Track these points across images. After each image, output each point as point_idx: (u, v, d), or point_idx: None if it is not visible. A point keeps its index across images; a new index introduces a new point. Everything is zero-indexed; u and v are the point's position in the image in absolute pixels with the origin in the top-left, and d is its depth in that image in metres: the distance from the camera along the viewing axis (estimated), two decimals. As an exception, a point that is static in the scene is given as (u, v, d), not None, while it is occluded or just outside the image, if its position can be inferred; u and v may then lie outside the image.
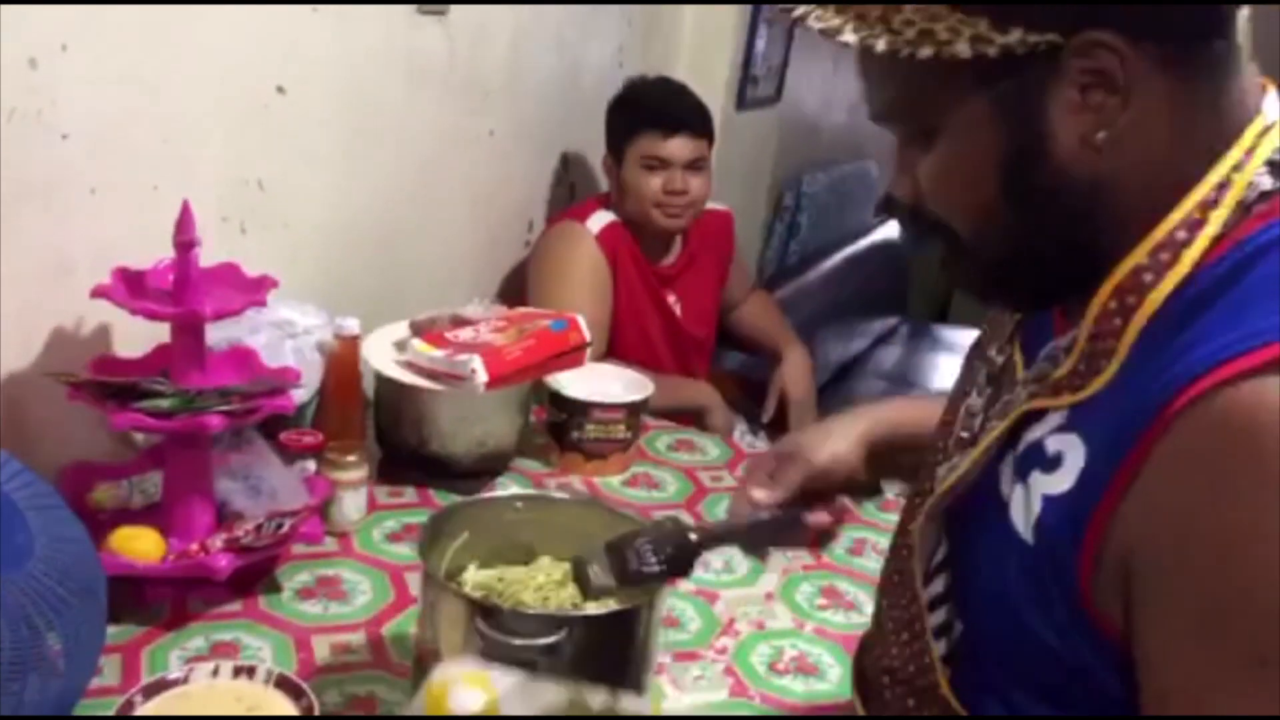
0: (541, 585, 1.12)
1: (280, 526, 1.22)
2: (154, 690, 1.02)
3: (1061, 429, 0.68)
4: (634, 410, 1.68)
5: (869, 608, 1.38)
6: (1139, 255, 0.66)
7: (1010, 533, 0.69)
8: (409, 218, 1.84)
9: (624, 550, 0.94)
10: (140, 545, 1.18)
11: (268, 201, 1.54)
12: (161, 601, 1.21)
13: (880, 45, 0.65)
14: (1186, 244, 0.65)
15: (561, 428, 1.66)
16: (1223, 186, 0.65)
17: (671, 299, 2.09)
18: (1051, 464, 0.68)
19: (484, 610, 0.98)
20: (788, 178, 3.13)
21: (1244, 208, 0.65)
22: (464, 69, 1.87)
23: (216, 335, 1.32)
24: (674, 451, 1.78)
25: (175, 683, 1.04)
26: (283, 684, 1.04)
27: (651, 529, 0.97)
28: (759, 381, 2.28)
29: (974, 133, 0.68)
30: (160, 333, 1.26)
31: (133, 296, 1.20)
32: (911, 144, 0.72)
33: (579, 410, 1.64)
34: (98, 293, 1.19)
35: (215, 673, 1.05)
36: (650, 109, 1.97)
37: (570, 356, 1.59)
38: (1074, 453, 0.66)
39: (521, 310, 1.69)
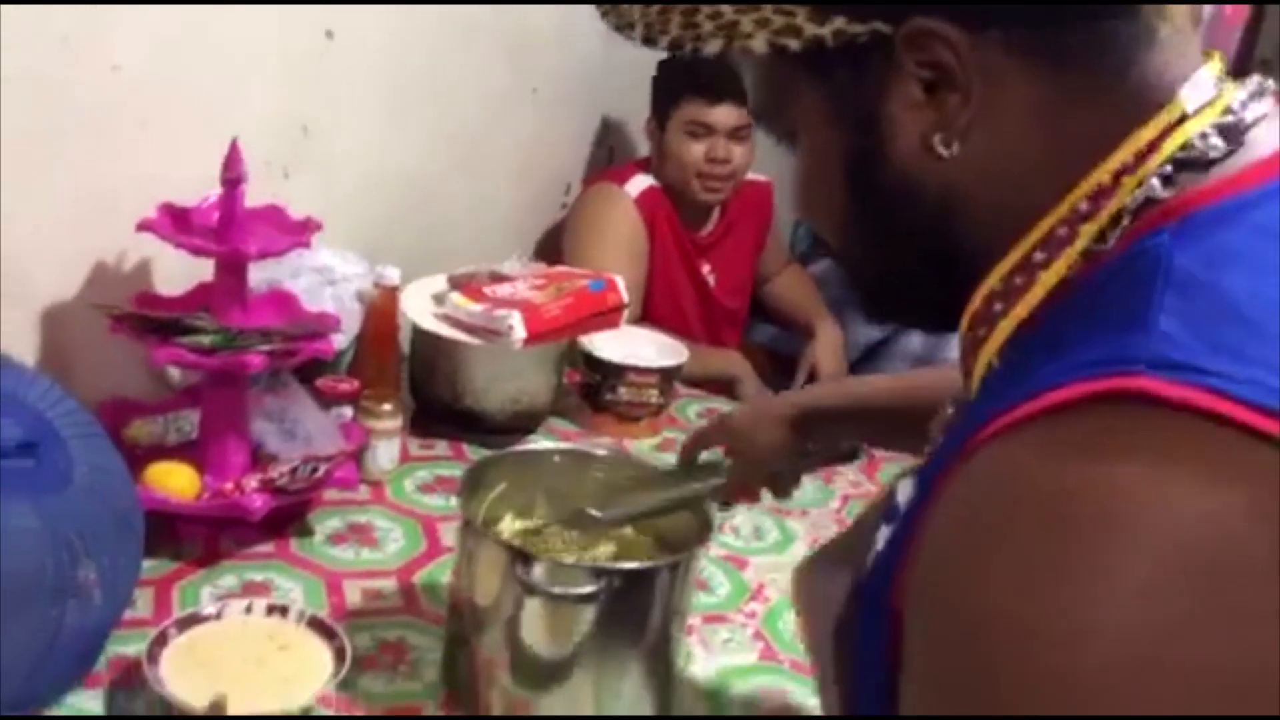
0: (577, 539, 1.11)
1: (315, 470, 1.21)
2: (187, 624, 1.02)
3: (913, 473, 0.59)
4: (667, 375, 1.67)
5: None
6: (993, 280, 0.57)
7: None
8: (449, 172, 1.83)
9: None
10: (175, 481, 1.18)
11: (312, 147, 1.53)
12: (194, 539, 1.21)
13: (662, 43, 0.59)
14: (1045, 265, 0.55)
15: (595, 389, 1.65)
16: (1099, 195, 0.54)
17: (706, 269, 2.07)
18: (891, 515, 0.57)
19: (523, 558, 0.97)
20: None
21: (1130, 216, 0.53)
22: (512, 25, 1.85)
23: (256, 277, 1.31)
24: (703, 419, 1.77)
25: (208, 618, 1.04)
26: (315, 625, 1.04)
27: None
28: (789, 356, 2.27)
29: (817, 132, 0.61)
30: (201, 272, 1.26)
31: (177, 232, 1.19)
32: (787, 146, 0.66)
33: (613, 372, 1.64)
34: (143, 226, 1.18)
35: (249, 610, 1.05)
36: (697, 74, 1.95)
37: (607, 317, 1.58)
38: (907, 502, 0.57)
39: (560, 269, 1.68)
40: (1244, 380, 0.44)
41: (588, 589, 0.96)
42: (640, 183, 1.97)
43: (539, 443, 1.55)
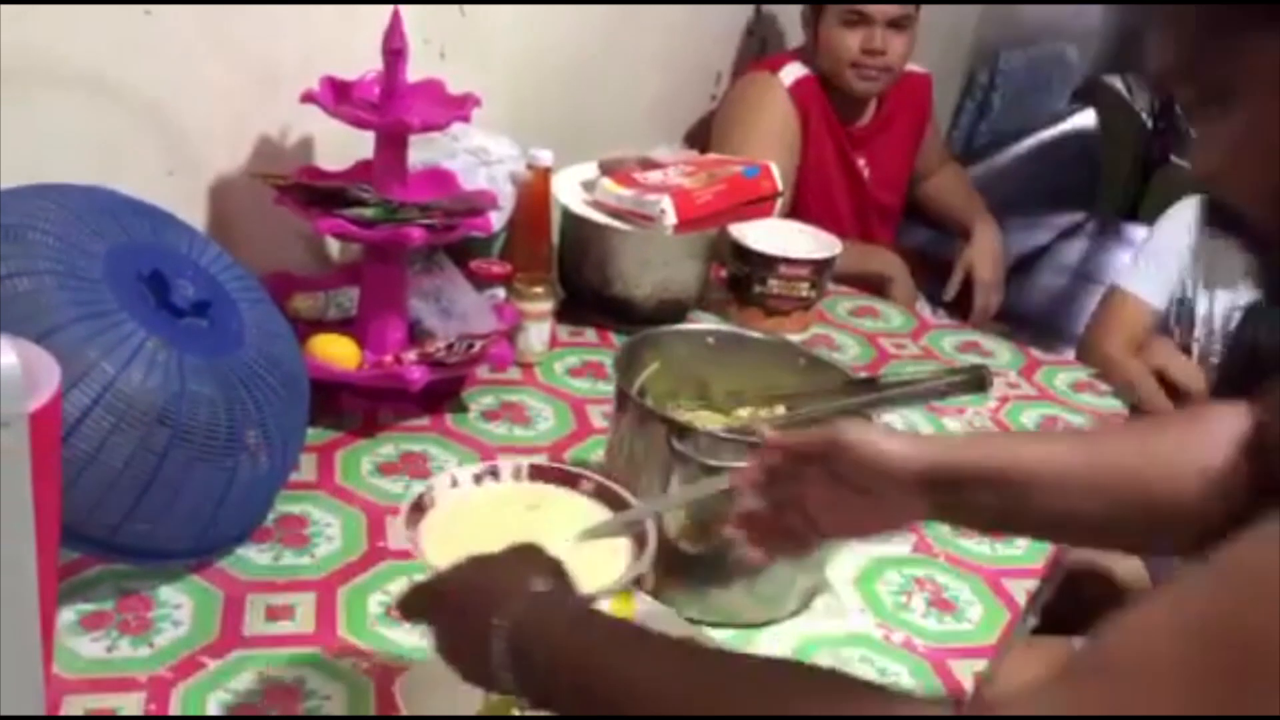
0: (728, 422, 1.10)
1: (471, 346, 1.22)
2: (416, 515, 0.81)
3: None
4: (820, 268, 1.62)
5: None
6: None
7: None
8: (599, 58, 1.80)
9: None
10: (338, 351, 1.20)
11: (468, 28, 1.52)
12: (354, 411, 1.24)
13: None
14: None
15: (743, 281, 1.62)
16: None
17: (861, 162, 2.00)
18: None
19: (678, 430, 0.97)
20: (984, 50, 2.95)
21: None
22: (665, -95, 1.80)
23: (413, 158, 1.31)
24: (855, 317, 1.73)
25: (427, 506, 0.82)
26: (539, 474, 0.87)
27: None
28: (945, 260, 2.17)
29: (1273, 96, 0.53)
30: (361, 149, 1.27)
31: (339, 105, 1.20)
32: (1206, 109, 0.57)
33: (763, 264, 1.60)
34: (306, 98, 1.19)
35: (454, 484, 0.85)
36: None
37: (760, 205, 1.54)
38: None
39: (713, 156, 1.64)
40: None
41: (742, 463, 0.94)
42: (794, 71, 1.91)
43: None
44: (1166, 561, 1.63)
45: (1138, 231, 3.38)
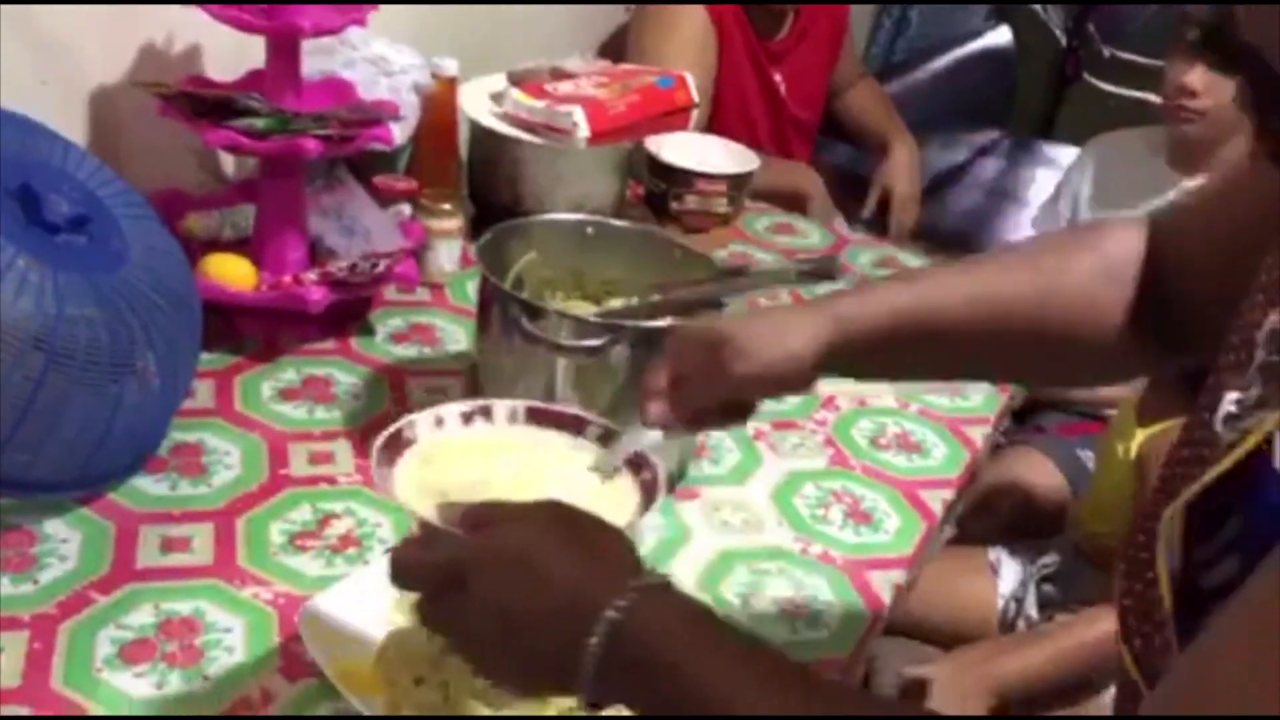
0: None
1: (375, 265, 1.17)
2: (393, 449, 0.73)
3: None
4: (738, 183, 1.59)
5: (977, 394, 1.32)
6: None
7: None
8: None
9: None
10: (233, 271, 1.14)
11: (364, -71, 1.44)
12: (253, 335, 1.18)
13: None
14: None
15: (660, 198, 1.59)
16: None
17: (778, 77, 1.96)
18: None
19: (532, 311, 0.96)
20: (902, -34, 2.92)
21: None
22: None
23: (308, 68, 1.24)
24: (773, 234, 1.70)
25: (403, 440, 0.74)
26: (536, 417, 0.79)
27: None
28: (862, 177, 2.16)
29: None
30: (251, 58, 1.19)
31: (226, 7, 1.12)
32: None
33: (680, 180, 1.57)
34: None
35: (439, 423, 0.76)
36: None
37: (676, 117, 1.49)
38: None
39: (626, 66, 1.59)
40: None
41: (594, 341, 0.95)
42: (710, -17, 1.85)
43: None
44: (1084, 474, 1.67)
45: (1052, 149, 3.41)
